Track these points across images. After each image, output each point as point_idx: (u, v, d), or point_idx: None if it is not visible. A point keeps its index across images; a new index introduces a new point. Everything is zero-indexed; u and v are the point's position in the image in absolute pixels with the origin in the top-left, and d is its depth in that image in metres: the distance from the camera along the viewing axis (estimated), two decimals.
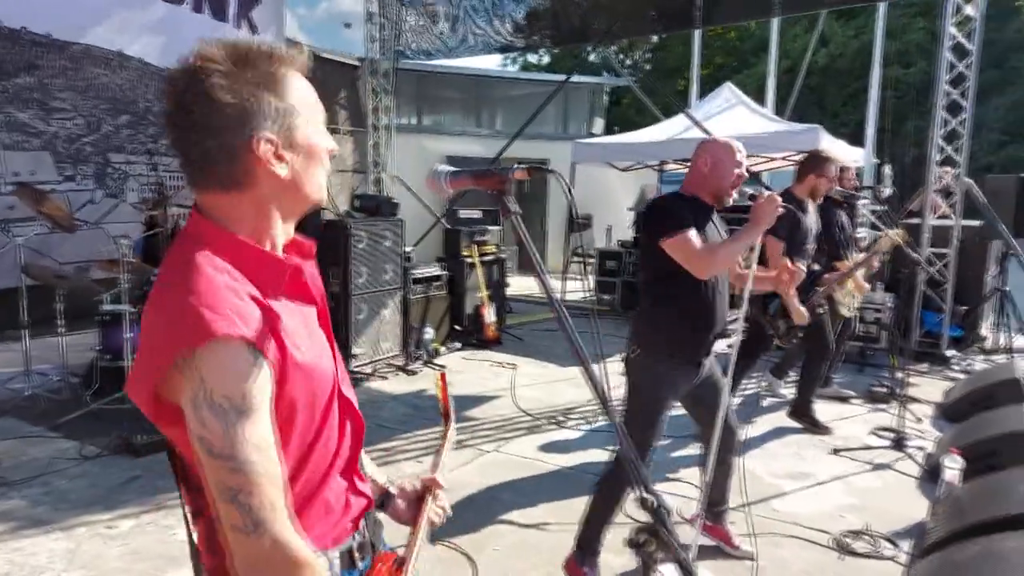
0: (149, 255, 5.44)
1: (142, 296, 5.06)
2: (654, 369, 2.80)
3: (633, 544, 1.02)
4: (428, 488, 1.41)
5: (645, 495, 1.00)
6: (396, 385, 5.94)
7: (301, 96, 1.08)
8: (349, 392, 1.22)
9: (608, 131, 17.05)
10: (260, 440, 0.97)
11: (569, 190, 1.11)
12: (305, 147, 1.08)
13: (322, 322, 1.20)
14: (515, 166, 1.12)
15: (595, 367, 1.11)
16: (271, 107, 1.04)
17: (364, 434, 1.25)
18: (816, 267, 4.55)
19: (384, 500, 1.40)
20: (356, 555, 1.19)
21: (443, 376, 1.57)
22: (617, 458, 2.84)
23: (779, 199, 2.67)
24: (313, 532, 1.08)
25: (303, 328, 1.11)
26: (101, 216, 6.01)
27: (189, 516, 1.10)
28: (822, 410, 5.07)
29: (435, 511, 1.40)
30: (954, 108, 6.60)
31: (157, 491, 3.76)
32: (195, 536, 1.13)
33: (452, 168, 1.17)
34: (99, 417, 4.61)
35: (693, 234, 2.65)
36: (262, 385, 0.98)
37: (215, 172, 1.04)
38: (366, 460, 1.36)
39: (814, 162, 4.42)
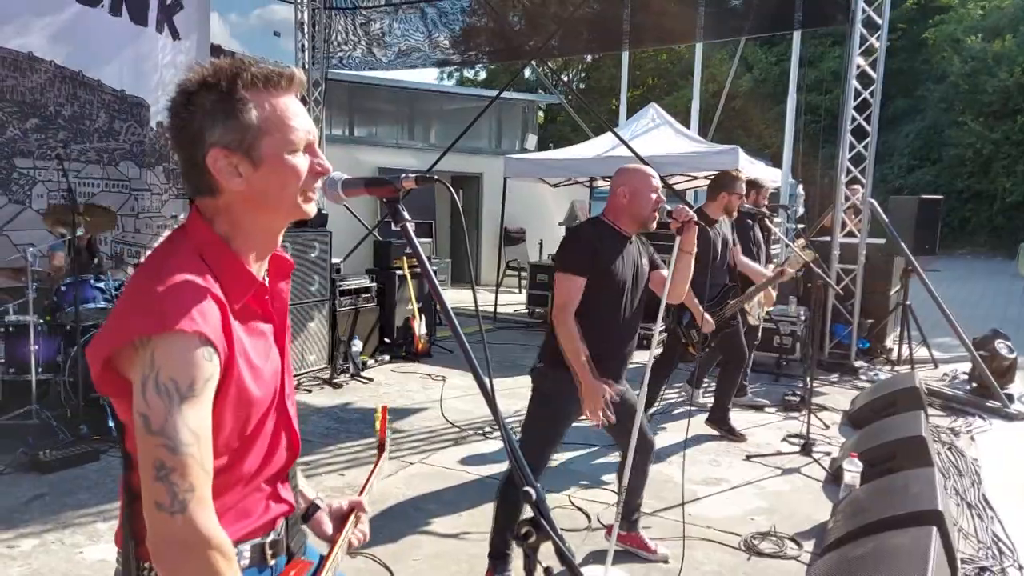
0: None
1: (51, 306, 4.86)
2: (557, 382, 2.87)
3: (516, 536, 1.07)
4: (353, 509, 1.45)
5: (527, 489, 1.06)
6: (321, 398, 5.87)
7: (270, 116, 1.12)
8: (291, 408, 1.28)
9: (543, 147, 17.29)
10: (197, 427, 1.02)
11: (455, 198, 1.16)
12: (268, 164, 1.12)
13: (279, 339, 1.25)
14: (404, 175, 1.17)
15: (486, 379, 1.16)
16: (227, 126, 1.09)
17: (299, 449, 1.30)
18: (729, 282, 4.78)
19: (310, 513, 1.42)
20: (268, 552, 1.22)
21: (384, 409, 1.64)
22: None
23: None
24: (226, 530, 1.10)
25: (254, 341, 1.17)
26: (4, 223, 5.74)
27: (128, 496, 1.13)
28: (738, 418, 5.27)
29: (355, 534, 1.43)
30: (861, 133, 7.00)
31: (64, 508, 3.62)
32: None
33: (345, 176, 1.21)
34: (2, 433, 4.39)
35: (578, 287, 2.77)
36: (208, 378, 1.04)
37: (189, 179, 1.15)
38: (298, 473, 1.40)
39: (722, 181, 4.70)
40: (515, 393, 5.50)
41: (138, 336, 1.02)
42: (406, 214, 1.17)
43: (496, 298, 10.04)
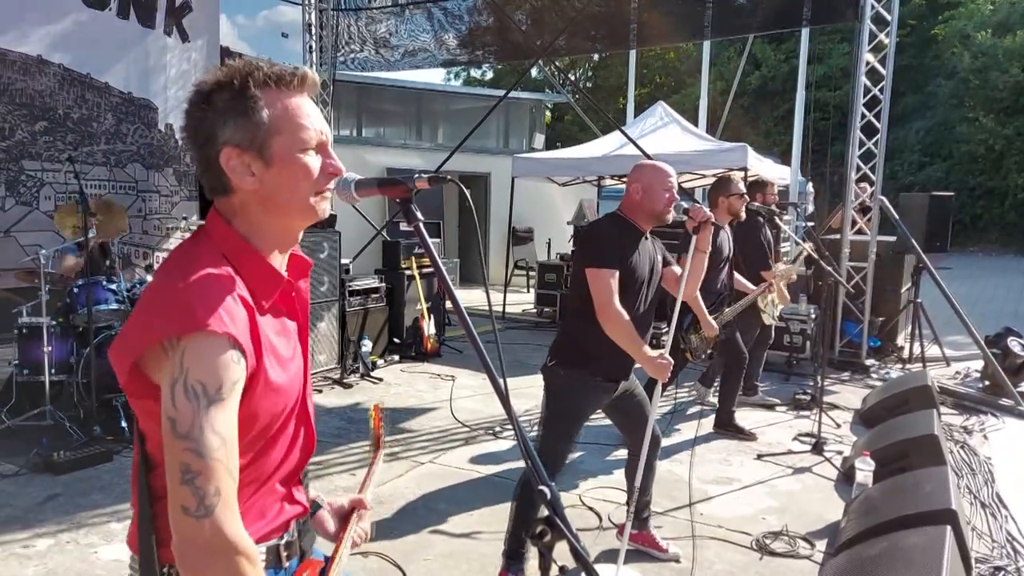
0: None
1: (64, 308, 4.89)
2: (569, 381, 2.88)
3: (531, 535, 1.07)
4: (355, 508, 1.45)
5: (542, 488, 1.06)
6: (331, 398, 5.88)
7: (281, 115, 1.12)
8: (310, 406, 1.28)
9: (551, 146, 17.29)
10: (224, 430, 1.02)
11: (467, 198, 1.17)
12: (280, 163, 1.12)
13: (301, 337, 1.26)
14: (416, 175, 1.17)
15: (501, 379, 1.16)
16: (239, 125, 1.10)
17: (314, 448, 1.30)
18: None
19: (312, 512, 1.42)
20: (283, 553, 1.23)
21: (376, 408, 1.63)
22: None
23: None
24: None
25: (281, 340, 1.18)
26: (11, 225, 5.79)
27: (148, 499, 1.12)
28: (750, 417, 5.25)
29: (358, 532, 1.43)
30: (870, 130, 6.97)
31: (78, 509, 3.65)
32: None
33: (358, 177, 1.21)
34: (16, 435, 4.43)
35: (614, 280, 2.77)
36: (236, 381, 1.04)
37: (206, 178, 1.15)
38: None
39: (717, 186, 4.73)
40: (524, 393, 5.50)
41: (166, 337, 1.02)
42: (419, 214, 1.17)
43: (504, 297, 10.03)
